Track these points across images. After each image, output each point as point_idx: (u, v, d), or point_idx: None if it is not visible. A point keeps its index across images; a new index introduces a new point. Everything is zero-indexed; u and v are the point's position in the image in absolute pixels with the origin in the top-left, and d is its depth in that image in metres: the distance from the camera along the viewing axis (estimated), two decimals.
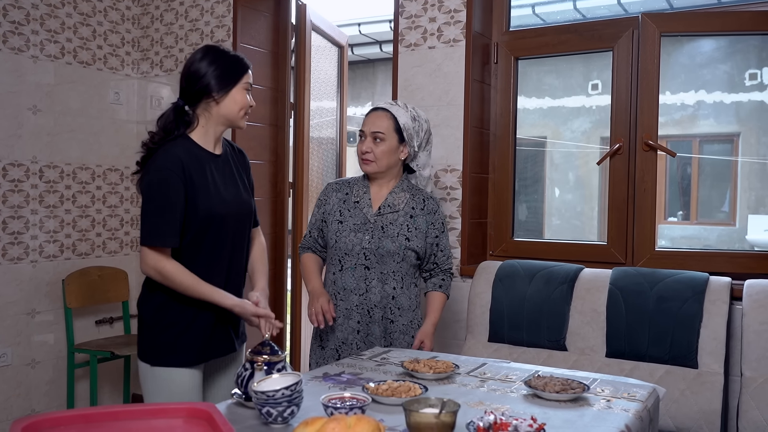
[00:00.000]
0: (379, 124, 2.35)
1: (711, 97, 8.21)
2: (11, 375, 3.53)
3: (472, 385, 1.81)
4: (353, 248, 2.35)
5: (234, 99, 2.05)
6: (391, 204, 2.38)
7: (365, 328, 2.36)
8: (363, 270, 2.35)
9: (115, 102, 4.03)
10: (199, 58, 2.06)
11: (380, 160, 2.35)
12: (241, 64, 2.08)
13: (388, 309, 2.36)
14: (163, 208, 1.96)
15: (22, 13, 3.53)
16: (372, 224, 2.36)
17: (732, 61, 7.91)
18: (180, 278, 1.97)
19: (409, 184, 2.45)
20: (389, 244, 2.33)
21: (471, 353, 2.80)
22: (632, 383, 1.86)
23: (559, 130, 9.22)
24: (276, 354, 1.61)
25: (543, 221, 8.83)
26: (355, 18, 8.40)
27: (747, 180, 8.46)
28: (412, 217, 2.37)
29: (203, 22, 3.86)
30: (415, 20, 3.27)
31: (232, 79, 2.04)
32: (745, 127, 8.38)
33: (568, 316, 2.69)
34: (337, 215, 2.42)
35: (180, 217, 1.97)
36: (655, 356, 2.49)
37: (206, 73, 2.03)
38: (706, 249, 3.40)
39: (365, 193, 2.42)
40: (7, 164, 3.49)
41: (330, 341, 2.41)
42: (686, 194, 8.98)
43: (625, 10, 7.55)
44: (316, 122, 4.22)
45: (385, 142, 2.34)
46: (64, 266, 3.76)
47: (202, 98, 2.05)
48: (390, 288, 2.35)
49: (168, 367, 2.03)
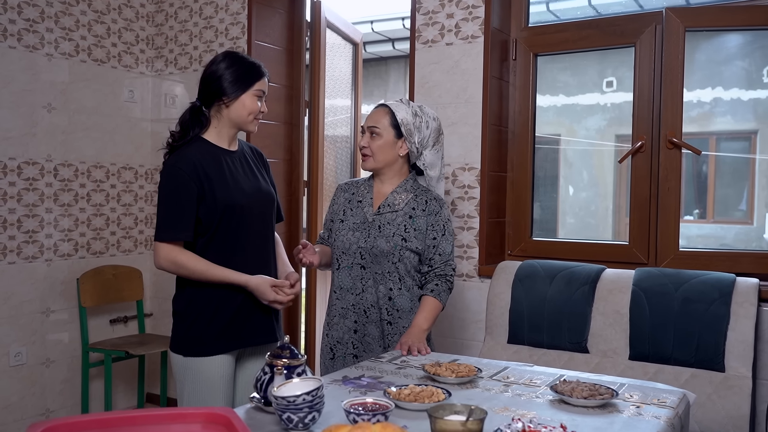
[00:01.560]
0: (376, 119, 2.33)
1: (728, 94, 8.09)
2: (26, 374, 3.52)
3: (495, 390, 1.76)
4: (350, 247, 2.32)
5: (243, 104, 2.11)
6: (391, 203, 2.33)
7: (362, 328, 2.31)
8: (359, 269, 2.31)
9: (130, 100, 4.01)
10: (218, 61, 2.13)
11: (376, 155, 2.31)
12: (256, 71, 2.13)
13: (384, 310, 2.30)
14: (174, 205, 2.04)
15: (36, 11, 3.52)
16: (370, 223, 2.32)
17: (750, 58, 7.79)
18: (192, 265, 2.05)
19: (415, 184, 2.39)
20: (383, 243, 2.27)
21: (490, 355, 2.75)
22: (661, 388, 1.81)
23: (574, 128, 9.14)
24: (296, 357, 1.57)
25: (557, 220, 8.75)
26: (368, 15, 8.38)
27: (765, 178, 8.33)
28: (412, 217, 2.31)
29: (218, 20, 3.83)
30: (433, 16, 3.22)
31: (243, 85, 2.10)
32: (763, 124, 8.25)
33: (590, 317, 2.63)
34: (341, 214, 2.39)
35: (192, 213, 2.04)
36: (680, 359, 2.43)
37: (221, 77, 2.10)
38: (732, 249, 3.32)
39: (368, 192, 2.39)
40: (22, 162, 3.48)
41: (325, 339, 2.39)
42: (702, 192, 8.87)
43: (640, 6, 7.46)
44: (331, 120, 4.18)
45: (381, 137, 2.31)
46: (78, 265, 3.74)
47: (214, 100, 2.12)
48: (386, 289, 2.29)
49: (198, 356, 2.08)
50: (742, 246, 7.76)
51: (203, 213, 2.05)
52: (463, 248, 3.16)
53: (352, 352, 2.32)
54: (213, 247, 2.09)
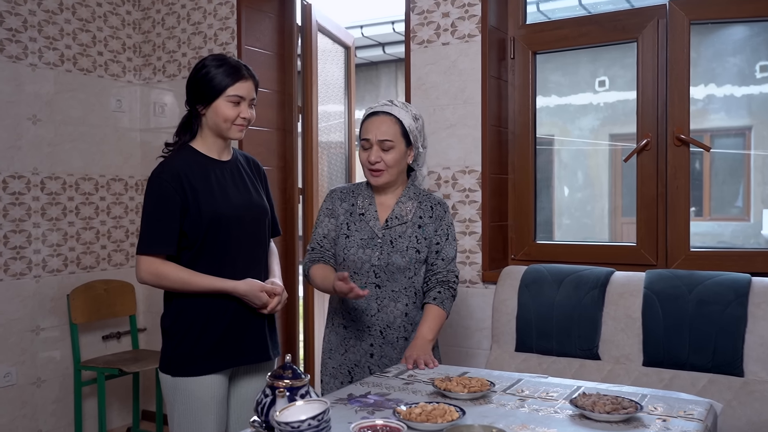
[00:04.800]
0: (386, 131, 2.13)
1: (721, 91, 8.04)
2: (16, 395, 3.40)
3: (511, 405, 1.67)
4: (362, 266, 2.16)
5: (216, 111, 2.00)
6: (399, 215, 2.19)
7: (379, 351, 2.18)
8: (374, 289, 2.16)
9: (117, 110, 3.90)
10: (198, 67, 2.02)
11: (392, 169, 2.15)
12: (232, 75, 1.98)
13: (402, 328, 2.18)
14: (156, 217, 1.94)
15: (19, 20, 3.41)
16: (380, 239, 2.17)
17: (742, 54, 7.74)
18: (174, 275, 1.95)
19: (416, 191, 2.25)
20: (399, 259, 2.14)
21: (497, 363, 2.65)
22: (686, 399, 1.71)
23: (567, 128, 9.08)
24: (299, 378, 1.47)
25: (553, 221, 8.67)
26: (358, 20, 8.35)
27: (761, 174, 8.28)
28: (421, 227, 2.18)
29: (206, 25, 3.73)
30: (428, 16, 3.13)
31: (216, 90, 1.98)
32: (758, 120, 8.20)
33: (600, 323, 2.54)
34: (344, 228, 2.22)
35: (176, 226, 1.94)
36: (696, 364, 2.34)
37: (197, 82, 2.00)
38: (745, 248, 3.23)
39: (370, 204, 2.22)
40: (7, 176, 3.36)
41: (343, 362, 2.23)
42: (698, 190, 8.82)
43: (631, 4, 7.41)
44: (324, 126, 4.08)
45: (395, 150, 2.14)
46: (68, 280, 3.63)
47: (195, 107, 2.03)
48: (403, 305, 2.17)
49: (188, 376, 1.98)
50: (740, 243, 7.70)
51: (188, 226, 1.95)
52: (465, 254, 3.06)
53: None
54: (200, 261, 1.98)
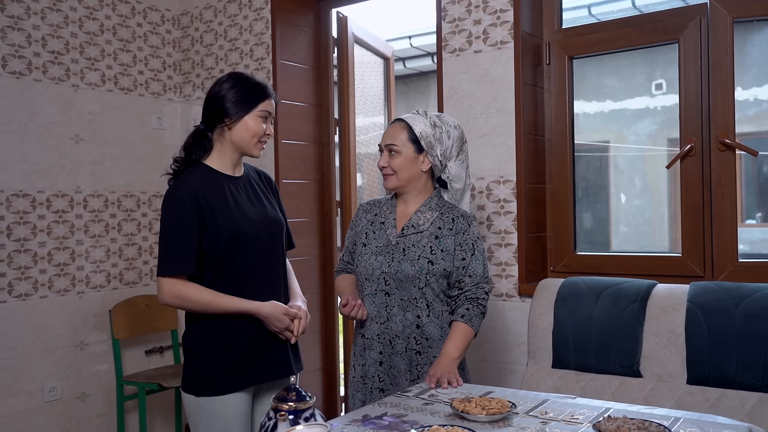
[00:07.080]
0: (393, 136, 2.18)
1: None
2: (61, 409, 3.47)
3: (531, 429, 1.58)
4: (373, 273, 2.16)
5: (246, 126, 2.00)
6: (415, 224, 2.16)
7: (388, 360, 2.15)
8: (383, 296, 2.15)
9: (159, 127, 3.96)
10: (222, 81, 2.03)
11: (399, 174, 2.17)
12: (260, 92, 2.01)
13: (412, 339, 2.13)
14: (175, 237, 1.94)
15: (61, 42, 3.50)
16: (394, 246, 2.16)
17: None
18: (198, 297, 1.93)
19: (441, 202, 2.22)
20: (408, 267, 2.11)
21: (533, 381, 2.55)
22: (722, 422, 1.59)
23: (623, 134, 8.82)
24: (303, 400, 1.42)
25: (609, 230, 8.42)
26: (407, 31, 8.35)
27: None
28: (438, 237, 2.14)
29: (242, 41, 3.76)
30: (459, 23, 3.07)
31: (247, 105, 1.99)
32: None
33: (641, 338, 2.40)
34: (363, 237, 2.25)
35: (195, 245, 1.93)
36: (745, 383, 2.18)
37: (223, 97, 2.00)
38: None
39: (390, 213, 2.24)
40: (51, 195, 3.45)
41: (360, 372, 2.23)
42: (765, 195, 8.43)
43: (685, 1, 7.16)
44: (363, 138, 4.05)
45: (400, 154, 2.16)
46: (111, 296, 3.69)
47: (217, 123, 2.02)
48: (413, 316, 2.12)
49: (211, 396, 1.95)
50: None
51: (207, 244, 1.94)
52: (501, 266, 2.97)
53: (379, 386, 2.16)
54: (221, 278, 1.97)
